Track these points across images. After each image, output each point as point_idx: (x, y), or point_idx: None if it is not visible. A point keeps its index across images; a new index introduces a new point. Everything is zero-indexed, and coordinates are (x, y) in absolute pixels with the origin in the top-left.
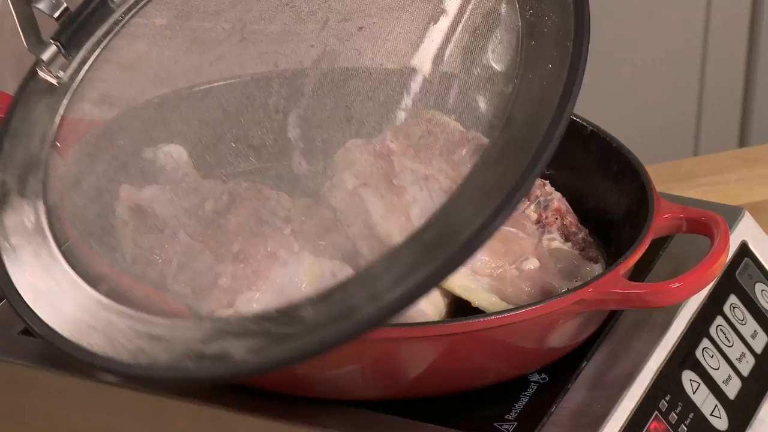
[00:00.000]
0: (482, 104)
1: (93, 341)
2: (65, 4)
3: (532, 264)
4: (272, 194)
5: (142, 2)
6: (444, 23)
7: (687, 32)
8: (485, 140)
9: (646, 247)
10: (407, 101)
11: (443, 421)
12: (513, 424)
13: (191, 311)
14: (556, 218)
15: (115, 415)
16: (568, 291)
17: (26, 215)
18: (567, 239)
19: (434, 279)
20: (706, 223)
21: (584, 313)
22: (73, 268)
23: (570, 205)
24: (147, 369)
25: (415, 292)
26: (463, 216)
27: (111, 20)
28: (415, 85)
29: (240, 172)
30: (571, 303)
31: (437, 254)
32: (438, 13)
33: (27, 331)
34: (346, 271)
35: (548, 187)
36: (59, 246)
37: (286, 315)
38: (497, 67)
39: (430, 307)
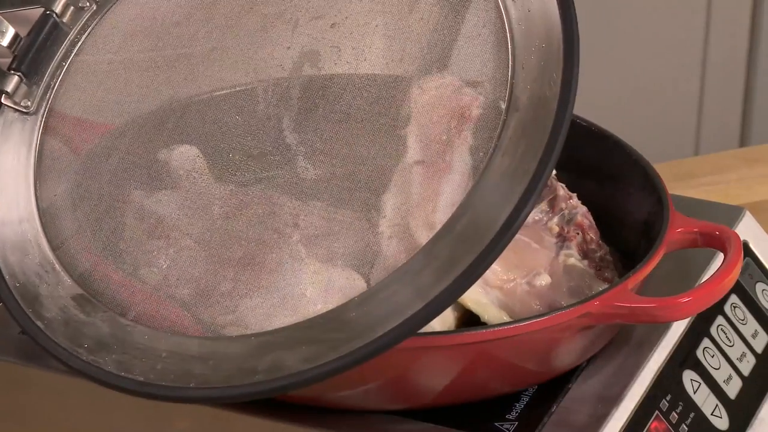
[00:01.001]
0: (479, 89)
1: (135, 369)
2: (14, 30)
3: (543, 280)
4: (282, 200)
5: (96, 20)
6: (420, 11)
7: (688, 32)
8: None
9: (657, 261)
10: (400, 96)
11: (444, 420)
12: (514, 424)
13: (232, 328)
14: (578, 233)
15: (115, 415)
16: (575, 303)
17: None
18: (585, 256)
19: (476, 269)
20: (719, 238)
21: (592, 328)
22: (94, 295)
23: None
24: (201, 390)
25: (460, 285)
26: (492, 203)
27: (67, 42)
28: (406, 78)
29: (253, 179)
30: (577, 316)
31: (474, 244)
32: (411, 1)
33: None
34: (354, 278)
35: (574, 201)
36: (73, 277)
37: (334, 320)
38: (488, 52)
39: (437, 319)
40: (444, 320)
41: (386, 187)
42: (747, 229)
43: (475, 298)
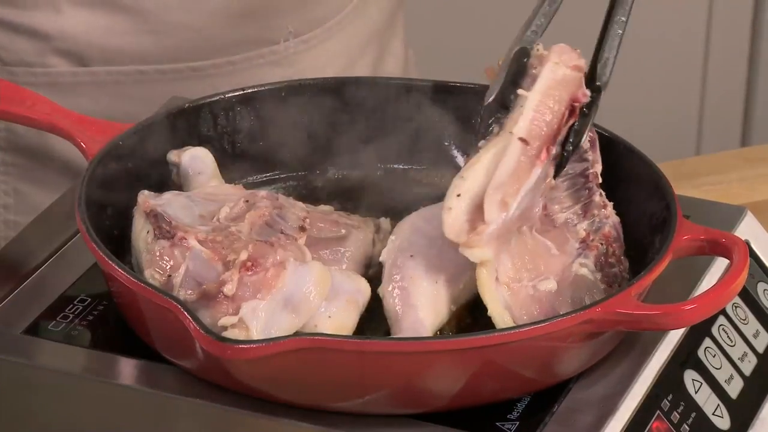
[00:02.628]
0: None
1: None
2: None
3: (549, 285)
4: (289, 202)
5: None
6: None
7: (689, 31)
8: None
9: (662, 269)
10: None
11: (444, 420)
12: (515, 424)
13: None
14: (602, 243)
15: (118, 414)
16: (577, 310)
17: None
18: (600, 269)
19: None
20: (725, 245)
21: (596, 335)
22: None
23: None
24: None
25: None
26: None
27: None
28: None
29: (264, 180)
30: (578, 322)
31: None
32: None
33: (29, 330)
34: (358, 281)
35: (608, 210)
36: None
37: None
38: None
39: (429, 314)
40: (438, 313)
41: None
42: (748, 229)
43: (489, 286)
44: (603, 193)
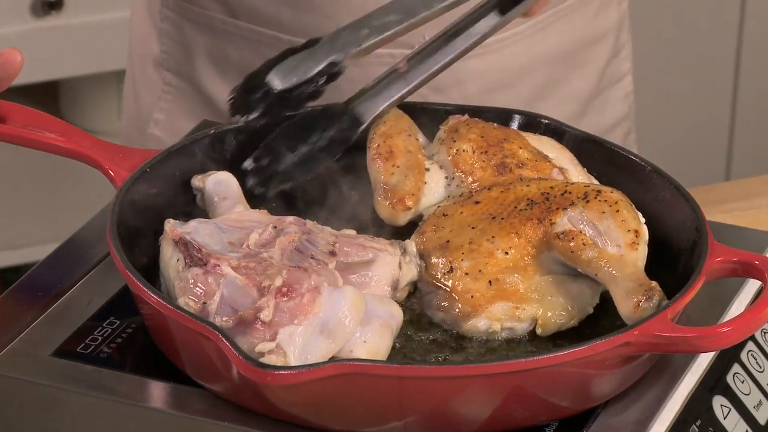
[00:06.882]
0: None
1: None
2: None
3: None
4: (317, 227)
5: None
6: None
7: (719, 57)
8: None
9: (696, 291)
10: None
11: None
12: None
13: None
14: None
15: None
16: (613, 333)
17: None
18: None
19: None
20: (758, 268)
21: (631, 359)
22: None
23: None
24: None
25: None
26: None
27: None
28: None
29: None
30: (616, 345)
31: None
32: None
33: (57, 353)
34: (391, 305)
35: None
36: None
37: None
38: None
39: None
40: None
41: None
42: None
43: None
44: None
